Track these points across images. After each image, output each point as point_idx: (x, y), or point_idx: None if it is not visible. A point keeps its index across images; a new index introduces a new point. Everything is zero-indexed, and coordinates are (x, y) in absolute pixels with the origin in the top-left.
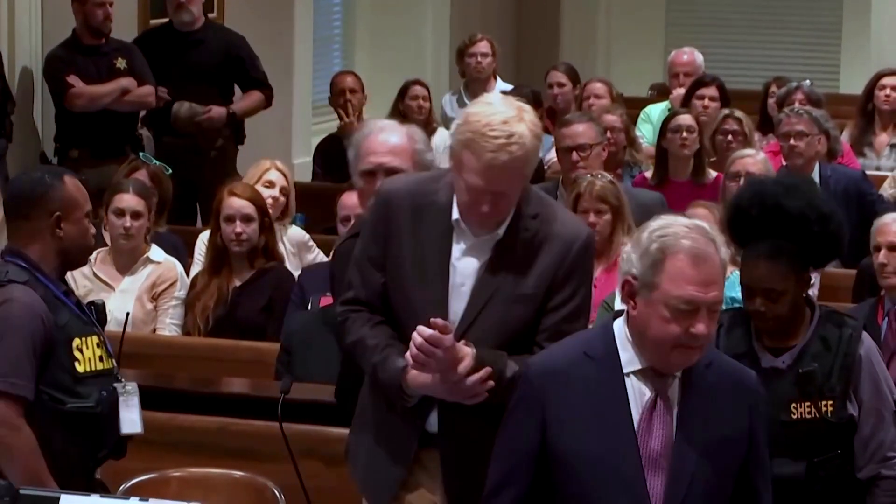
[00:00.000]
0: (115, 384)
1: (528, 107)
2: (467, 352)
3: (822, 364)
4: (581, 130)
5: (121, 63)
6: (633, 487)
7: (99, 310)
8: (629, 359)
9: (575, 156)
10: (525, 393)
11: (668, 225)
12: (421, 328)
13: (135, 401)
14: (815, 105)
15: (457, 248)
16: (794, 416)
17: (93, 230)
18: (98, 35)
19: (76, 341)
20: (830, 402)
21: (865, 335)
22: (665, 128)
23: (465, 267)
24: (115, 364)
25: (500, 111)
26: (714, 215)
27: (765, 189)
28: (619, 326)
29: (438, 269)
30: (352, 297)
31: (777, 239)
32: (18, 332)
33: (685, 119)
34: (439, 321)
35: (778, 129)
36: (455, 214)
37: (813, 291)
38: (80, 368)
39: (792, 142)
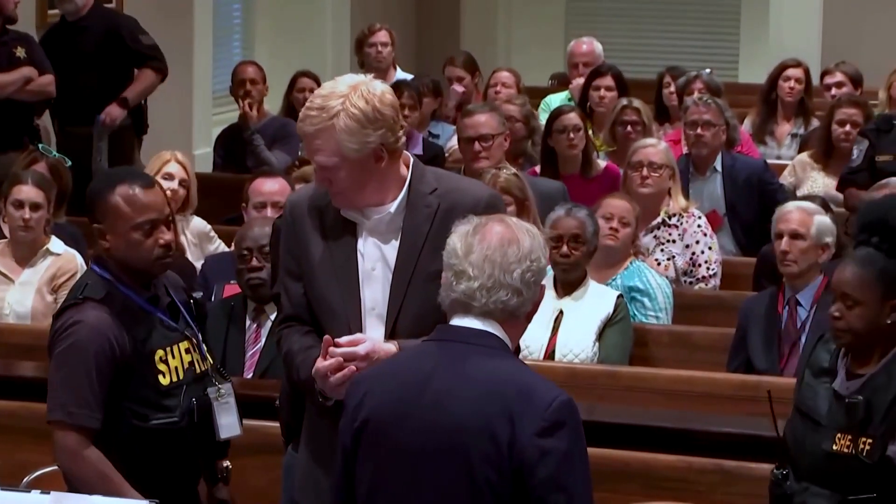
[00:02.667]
0: (210, 388)
1: (374, 91)
2: (390, 350)
3: (877, 400)
4: (483, 120)
5: (20, 52)
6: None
7: (199, 305)
8: None
9: (477, 146)
10: None
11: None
12: (333, 349)
13: (231, 402)
14: (714, 94)
15: (360, 237)
16: (835, 448)
17: (162, 240)
18: (10, 22)
19: (159, 353)
20: (870, 441)
21: None
22: (550, 127)
23: (369, 251)
24: (211, 366)
25: (334, 87)
26: (632, 205)
27: (885, 200)
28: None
29: (345, 259)
30: (283, 316)
31: (880, 251)
32: (82, 358)
33: (571, 119)
34: (343, 339)
35: (684, 117)
36: None
37: (714, 282)
38: (163, 381)
39: (699, 131)
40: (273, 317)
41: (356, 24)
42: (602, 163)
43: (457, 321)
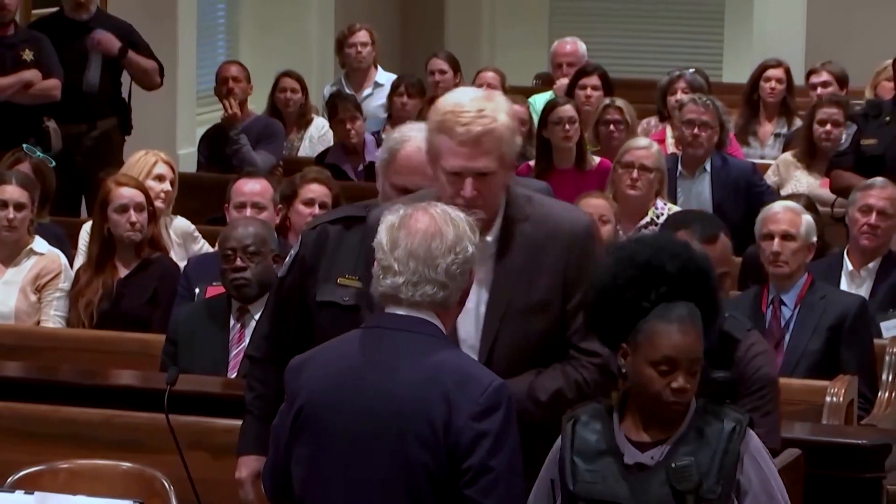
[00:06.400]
0: None
1: (500, 94)
2: None
3: (700, 460)
4: None
5: (28, 55)
6: None
7: None
8: None
9: None
10: None
11: None
12: None
13: None
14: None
15: None
16: None
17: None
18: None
19: None
20: None
21: (751, 433)
22: (546, 119)
23: None
24: None
25: (469, 93)
26: (610, 203)
27: (669, 245)
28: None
29: None
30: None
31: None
32: None
33: (566, 110)
34: None
35: (678, 115)
36: None
37: None
38: None
39: (696, 131)
40: (258, 316)
41: (340, 24)
42: (596, 158)
43: (392, 310)
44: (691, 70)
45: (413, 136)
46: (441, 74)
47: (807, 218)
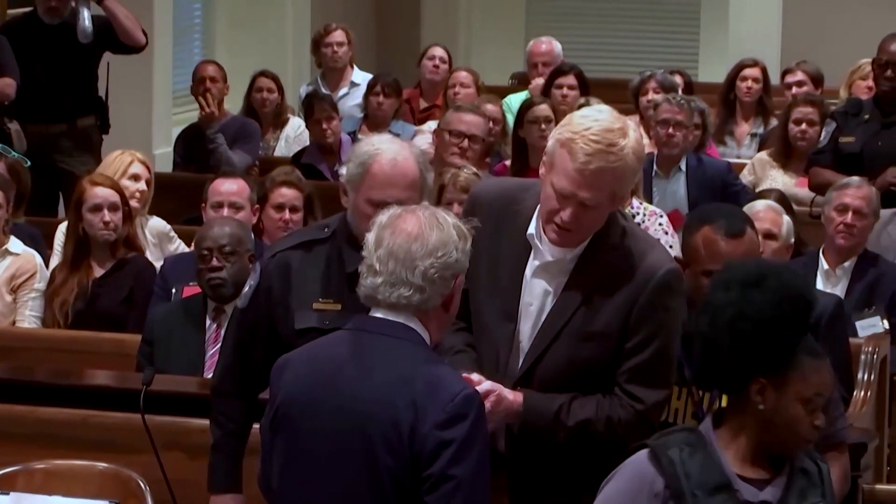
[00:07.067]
0: None
1: (634, 126)
2: (515, 400)
3: (816, 500)
4: (475, 121)
5: None
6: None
7: None
8: None
9: (466, 143)
10: None
11: None
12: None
13: None
14: (668, 93)
15: (530, 265)
16: None
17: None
18: None
19: None
20: None
21: None
22: (522, 118)
23: (534, 286)
24: None
25: (606, 121)
26: None
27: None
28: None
29: (511, 283)
30: None
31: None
32: None
33: (542, 110)
34: (474, 377)
35: (654, 115)
36: (531, 228)
37: None
38: None
39: (670, 130)
40: None
41: (316, 24)
42: None
43: (373, 313)
44: (661, 70)
45: (384, 147)
46: (442, 63)
47: (787, 218)
